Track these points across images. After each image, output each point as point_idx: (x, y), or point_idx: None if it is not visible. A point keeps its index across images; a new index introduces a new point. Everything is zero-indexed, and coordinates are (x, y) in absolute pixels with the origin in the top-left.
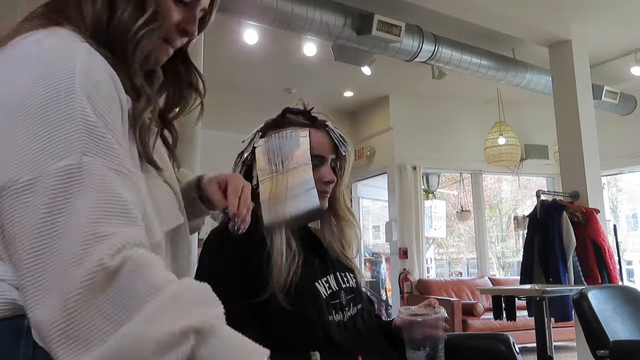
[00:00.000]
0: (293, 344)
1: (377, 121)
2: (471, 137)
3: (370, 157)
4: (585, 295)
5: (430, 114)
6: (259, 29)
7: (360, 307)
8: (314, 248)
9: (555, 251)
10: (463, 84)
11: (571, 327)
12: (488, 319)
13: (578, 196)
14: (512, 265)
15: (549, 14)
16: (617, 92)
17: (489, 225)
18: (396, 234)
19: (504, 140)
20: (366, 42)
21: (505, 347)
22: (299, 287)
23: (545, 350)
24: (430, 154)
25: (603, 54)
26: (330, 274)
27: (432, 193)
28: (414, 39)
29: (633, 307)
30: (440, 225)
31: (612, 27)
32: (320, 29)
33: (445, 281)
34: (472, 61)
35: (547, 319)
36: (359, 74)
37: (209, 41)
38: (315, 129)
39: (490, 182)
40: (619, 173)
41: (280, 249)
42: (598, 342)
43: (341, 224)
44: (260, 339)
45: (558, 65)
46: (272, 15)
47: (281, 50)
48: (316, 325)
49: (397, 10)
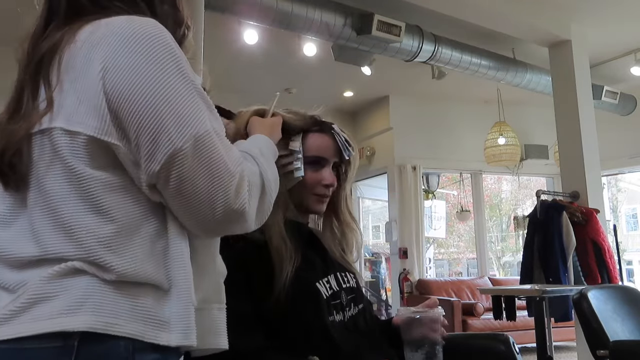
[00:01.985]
0: (294, 343)
1: (377, 121)
2: (471, 137)
3: (370, 157)
4: (585, 295)
5: (430, 114)
6: (259, 29)
7: (362, 307)
8: (315, 248)
9: (555, 251)
10: (463, 84)
11: (571, 327)
12: (488, 319)
13: (578, 196)
14: (512, 265)
15: (549, 14)
16: (617, 92)
17: (489, 225)
18: (396, 234)
19: (504, 140)
20: (366, 42)
21: (505, 347)
22: (300, 287)
23: (545, 350)
24: (430, 154)
25: (603, 54)
26: (331, 274)
27: (432, 193)
28: (413, 39)
29: (633, 307)
30: (440, 225)
31: (612, 27)
32: (320, 29)
33: (445, 281)
34: (472, 61)
35: (547, 319)
36: (359, 74)
37: (209, 41)
38: (321, 132)
39: (490, 182)
40: (619, 173)
41: (277, 247)
42: (598, 342)
43: (342, 228)
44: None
45: (558, 65)
46: (272, 15)
47: (281, 50)
48: (317, 326)
49: (397, 10)
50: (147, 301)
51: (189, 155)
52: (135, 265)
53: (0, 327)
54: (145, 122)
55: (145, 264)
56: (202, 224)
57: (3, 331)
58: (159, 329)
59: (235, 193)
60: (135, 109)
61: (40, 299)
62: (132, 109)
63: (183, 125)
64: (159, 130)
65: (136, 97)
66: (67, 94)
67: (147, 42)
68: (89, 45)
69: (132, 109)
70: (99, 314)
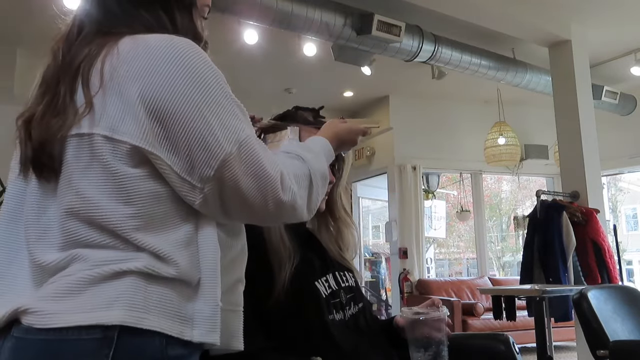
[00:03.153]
0: (294, 343)
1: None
2: (471, 137)
3: (370, 157)
4: (585, 295)
5: (430, 114)
6: (259, 29)
7: (362, 306)
8: (313, 247)
9: (555, 251)
10: (463, 84)
11: (571, 327)
12: (488, 319)
13: (578, 196)
14: (512, 265)
15: (549, 14)
16: (617, 92)
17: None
18: (396, 234)
19: (504, 140)
20: (366, 42)
21: (505, 347)
22: (299, 286)
23: (545, 350)
24: (430, 154)
25: (603, 54)
26: (330, 273)
27: (432, 193)
28: (414, 39)
29: (633, 307)
30: (440, 225)
31: (612, 27)
32: (320, 29)
33: (445, 281)
34: (472, 61)
35: (547, 319)
36: (359, 74)
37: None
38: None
39: (490, 182)
40: (619, 173)
41: (276, 247)
42: (598, 342)
43: (338, 225)
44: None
45: (558, 65)
46: (272, 15)
47: (281, 50)
48: (317, 324)
49: (397, 10)
50: (174, 297)
51: (236, 157)
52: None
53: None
54: (196, 133)
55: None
56: (256, 216)
57: (44, 320)
58: (183, 325)
59: (281, 187)
60: (185, 122)
61: (78, 292)
62: (181, 122)
63: (229, 132)
64: (210, 139)
65: (184, 111)
66: (111, 103)
67: (186, 60)
68: (129, 60)
69: (180, 122)
70: (131, 309)
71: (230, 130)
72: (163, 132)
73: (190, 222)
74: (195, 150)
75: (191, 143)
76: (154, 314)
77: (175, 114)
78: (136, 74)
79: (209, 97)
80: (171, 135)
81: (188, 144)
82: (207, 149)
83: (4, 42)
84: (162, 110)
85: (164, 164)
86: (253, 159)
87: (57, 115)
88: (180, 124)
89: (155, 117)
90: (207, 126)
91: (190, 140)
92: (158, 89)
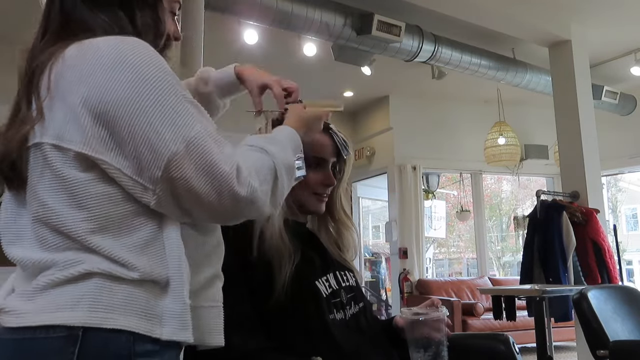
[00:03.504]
0: (295, 343)
1: (377, 121)
2: (471, 137)
3: (370, 157)
4: (585, 295)
5: (430, 114)
6: (259, 29)
7: (362, 305)
8: (314, 247)
9: (555, 251)
10: (463, 84)
11: (571, 327)
12: (488, 319)
13: (578, 196)
14: (512, 265)
15: (549, 14)
16: (617, 92)
17: (489, 225)
18: (396, 234)
19: (504, 140)
20: (366, 42)
21: (505, 347)
22: (300, 286)
23: (545, 350)
24: (430, 154)
25: (603, 54)
26: (330, 272)
27: (432, 193)
28: (414, 39)
29: (633, 307)
30: (440, 225)
31: (612, 27)
32: (320, 29)
33: (445, 281)
34: (472, 61)
35: (547, 319)
36: (359, 74)
37: (209, 41)
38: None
39: (490, 182)
40: (619, 173)
41: (277, 247)
42: (598, 342)
43: (338, 227)
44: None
45: (558, 65)
46: (272, 15)
47: (281, 50)
48: (317, 324)
49: (397, 10)
50: (142, 296)
51: (184, 155)
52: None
53: (16, 316)
54: (141, 134)
55: (152, 263)
56: (215, 214)
57: (17, 320)
58: (151, 323)
59: (237, 181)
60: (129, 124)
61: (46, 293)
62: (126, 124)
63: (176, 131)
64: (155, 139)
65: (127, 113)
66: (57, 110)
67: (130, 61)
68: (75, 65)
69: (125, 124)
70: (94, 309)
71: (178, 129)
72: (109, 135)
73: (154, 221)
74: (141, 152)
75: (137, 144)
76: (120, 312)
77: (119, 116)
78: (80, 79)
79: (153, 97)
80: (117, 137)
81: (134, 146)
82: (153, 149)
83: (4, 42)
84: (106, 113)
85: (113, 168)
86: (203, 156)
87: (18, 127)
88: (125, 126)
89: (100, 120)
90: (151, 126)
91: (136, 142)
92: (102, 91)
